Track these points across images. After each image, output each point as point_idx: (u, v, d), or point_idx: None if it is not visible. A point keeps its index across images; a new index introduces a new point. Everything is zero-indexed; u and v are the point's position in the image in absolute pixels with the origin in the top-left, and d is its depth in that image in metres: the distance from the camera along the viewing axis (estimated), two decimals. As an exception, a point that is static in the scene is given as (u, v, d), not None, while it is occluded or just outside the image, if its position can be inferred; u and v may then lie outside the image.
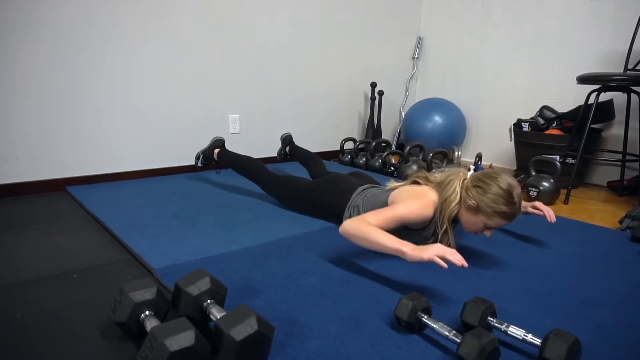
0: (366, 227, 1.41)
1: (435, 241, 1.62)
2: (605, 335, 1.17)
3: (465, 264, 1.25)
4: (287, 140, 2.79)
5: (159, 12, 2.56)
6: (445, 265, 1.25)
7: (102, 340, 1.09)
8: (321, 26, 3.33)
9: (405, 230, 1.59)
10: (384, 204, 1.65)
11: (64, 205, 2.17)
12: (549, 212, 1.74)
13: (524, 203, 1.76)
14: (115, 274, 1.46)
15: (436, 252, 1.26)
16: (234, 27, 2.88)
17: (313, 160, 2.50)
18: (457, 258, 1.25)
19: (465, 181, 1.53)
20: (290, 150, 2.77)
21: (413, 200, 1.53)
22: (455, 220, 1.59)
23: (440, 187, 1.57)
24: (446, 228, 1.56)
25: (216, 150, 2.47)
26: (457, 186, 1.52)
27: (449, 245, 1.59)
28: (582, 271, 1.57)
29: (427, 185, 1.60)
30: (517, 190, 1.45)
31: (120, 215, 1.96)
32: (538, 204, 1.78)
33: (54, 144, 2.36)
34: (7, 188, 2.25)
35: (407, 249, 1.30)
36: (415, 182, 1.65)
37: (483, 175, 1.48)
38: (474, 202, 1.46)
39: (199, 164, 2.53)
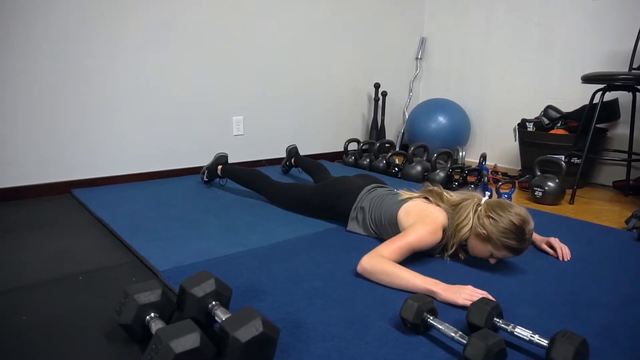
0: (388, 265, 1.40)
1: (441, 256, 1.64)
2: (611, 337, 1.16)
3: None
4: (292, 152, 2.82)
5: (163, 15, 2.57)
6: None
7: (107, 343, 1.09)
8: (324, 28, 3.33)
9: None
10: (392, 217, 1.66)
11: (69, 208, 2.18)
12: (563, 252, 1.66)
13: (538, 237, 1.74)
14: (120, 277, 1.46)
15: (470, 297, 1.26)
16: (238, 30, 2.89)
17: (318, 169, 2.50)
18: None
19: (479, 208, 1.52)
20: (295, 161, 2.79)
21: (423, 226, 1.52)
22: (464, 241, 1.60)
23: (453, 210, 1.58)
24: (455, 249, 1.58)
25: (219, 167, 2.49)
26: (470, 212, 1.52)
27: (457, 255, 1.61)
28: (588, 272, 1.55)
29: (438, 205, 1.61)
30: (530, 226, 1.44)
31: (125, 217, 1.97)
32: (554, 240, 1.70)
33: (59, 147, 2.37)
34: (12, 191, 2.26)
35: (439, 289, 1.30)
36: (426, 199, 1.66)
37: (497, 206, 1.47)
38: (484, 231, 1.46)
39: (205, 178, 2.55)
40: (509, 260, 1.61)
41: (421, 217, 1.56)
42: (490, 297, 1.26)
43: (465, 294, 1.27)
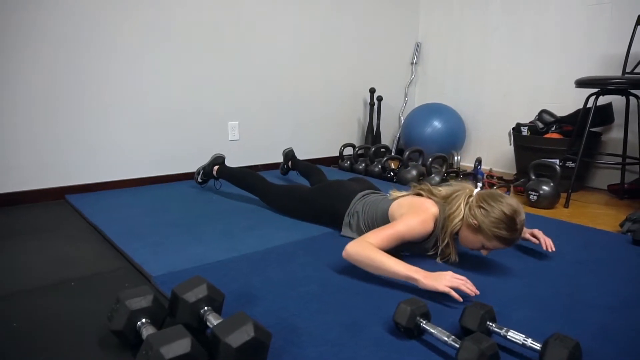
0: (372, 252, 1.40)
1: (435, 253, 1.62)
2: (607, 339, 1.16)
3: (477, 292, 1.28)
4: (289, 155, 2.81)
5: (160, 21, 2.58)
6: (460, 299, 1.26)
7: (99, 349, 1.09)
8: (320, 33, 3.34)
9: (405, 242, 1.60)
10: (385, 213, 1.65)
11: (63, 213, 2.17)
12: (546, 242, 1.66)
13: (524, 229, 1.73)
14: (114, 282, 1.45)
15: (450, 282, 1.28)
16: (234, 34, 2.89)
17: (315, 172, 2.50)
18: (469, 288, 1.28)
19: (471, 199, 1.51)
20: (292, 164, 2.79)
21: (413, 215, 1.52)
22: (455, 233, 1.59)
23: (445, 201, 1.57)
24: (448, 242, 1.56)
25: (215, 167, 2.48)
26: (461, 203, 1.51)
27: (449, 258, 1.59)
28: (583, 275, 1.55)
29: (429, 198, 1.60)
30: (521, 217, 1.43)
31: (119, 223, 1.96)
32: (537, 232, 1.70)
33: (53, 153, 2.36)
34: (7, 197, 2.25)
35: (420, 276, 1.30)
36: (418, 194, 1.65)
37: (488, 196, 1.46)
38: (475, 222, 1.45)
39: (199, 179, 2.53)
40: (503, 264, 1.61)
41: (413, 208, 1.56)
42: (470, 284, 1.29)
43: (446, 280, 1.28)
